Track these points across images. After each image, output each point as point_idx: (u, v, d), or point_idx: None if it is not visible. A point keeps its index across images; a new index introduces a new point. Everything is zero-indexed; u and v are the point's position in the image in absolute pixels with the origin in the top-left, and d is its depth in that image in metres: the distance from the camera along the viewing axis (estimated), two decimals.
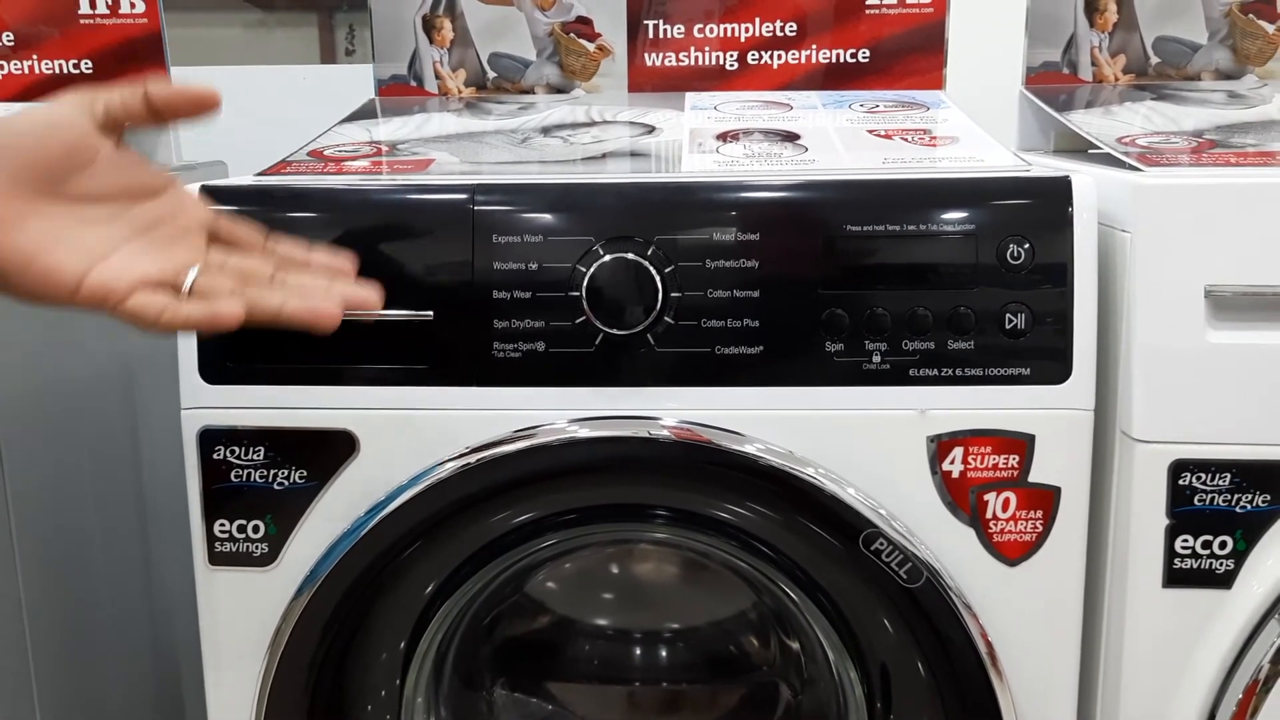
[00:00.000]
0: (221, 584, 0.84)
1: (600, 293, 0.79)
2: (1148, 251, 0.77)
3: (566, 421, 0.80)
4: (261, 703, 0.84)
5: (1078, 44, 1.12)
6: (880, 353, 0.79)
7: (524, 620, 1.04)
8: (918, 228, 0.78)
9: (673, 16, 1.15)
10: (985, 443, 0.79)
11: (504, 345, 0.80)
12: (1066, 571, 0.81)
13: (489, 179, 0.83)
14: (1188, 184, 0.77)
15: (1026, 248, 0.78)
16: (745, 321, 0.79)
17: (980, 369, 0.79)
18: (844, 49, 1.14)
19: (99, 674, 1.08)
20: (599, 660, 1.06)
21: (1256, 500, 0.79)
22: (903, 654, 0.83)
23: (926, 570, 0.79)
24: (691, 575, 1.03)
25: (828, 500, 0.79)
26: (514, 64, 1.17)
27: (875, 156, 0.88)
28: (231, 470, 0.82)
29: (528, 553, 0.88)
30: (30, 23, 1.16)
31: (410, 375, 0.81)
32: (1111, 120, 1.00)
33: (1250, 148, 0.89)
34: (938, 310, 0.78)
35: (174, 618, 1.19)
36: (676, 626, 1.06)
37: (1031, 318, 0.78)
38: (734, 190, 0.81)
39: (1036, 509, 0.80)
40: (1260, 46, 1.11)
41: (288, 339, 0.80)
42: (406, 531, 0.82)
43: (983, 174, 0.82)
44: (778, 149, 0.91)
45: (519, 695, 1.05)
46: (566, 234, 0.80)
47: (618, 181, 0.83)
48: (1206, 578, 0.80)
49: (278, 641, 0.83)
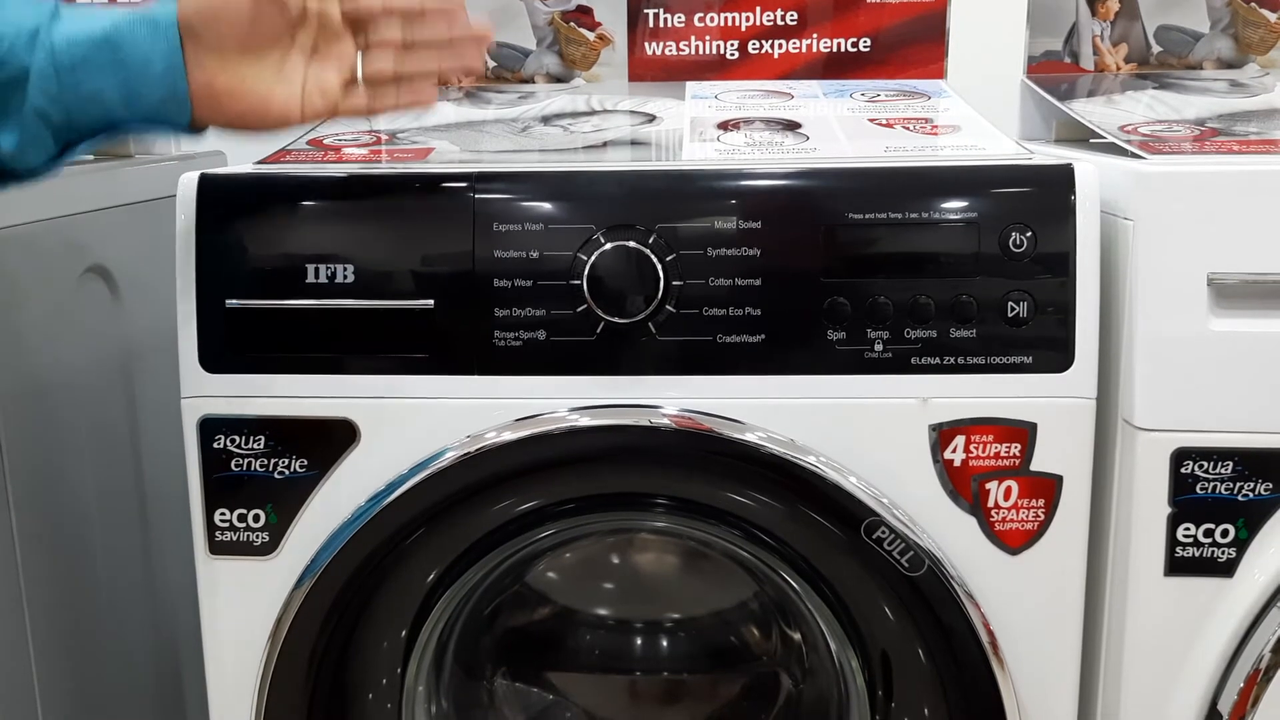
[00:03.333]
0: (222, 573, 0.84)
1: (601, 281, 0.78)
2: (1150, 239, 0.77)
3: (567, 410, 0.80)
4: (262, 692, 0.84)
5: (1079, 33, 1.12)
6: (882, 341, 0.79)
7: (525, 610, 1.04)
8: (919, 216, 0.78)
9: (673, 5, 1.15)
10: (987, 431, 0.79)
11: (505, 334, 0.79)
12: (1068, 560, 0.81)
13: (489, 167, 0.83)
14: (1190, 172, 0.77)
15: (1029, 236, 0.78)
16: (747, 310, 0.79)
17: (982, 357, 0.79)
18: (845, 38, 1.14)
19: (100, 664, 1.08)
20: (600, 650, 1.06)
21: (1259, 488, 0.79)
22: (904, 643, 0.83)
23: (928, 559, 0.79)
24: (692, 565, 1.03)
25: (829, 489, 0.79)
26: (514, 53, 1.17)
27: (877, 145, 0.88)
28: (232, 459, 0.82)
29: (528, 542, 0.88)
30: None
31: (411, 364, 0.80)
32: (1113, 109, 0.99)
33: (1253, 136, 0.88)
34: (939, 299, 0.78)
35: (174, 607, 1.19)
36: (677, 616, 1.06)
37: (1033, 306, 0.78)
38: (735, 178, 0.81)
39: (1038, 497, 0.80)
40: (1262, 35, 1.11)
41: (287, 327, 0.81)
42: (407, 521, 0.81)
43: (984, 162, 0.81)
44: (779, 138, 0.90)
45: (520, 685, 1.05)
46: (567, 222, 0.79)
47: (619, 170, 0.83)
48: (1208, 566, 0.80)
49: (278, 631, 0.83)
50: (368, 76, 0.76)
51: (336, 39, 0.76)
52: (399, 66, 0.76)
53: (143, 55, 0.70)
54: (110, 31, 0.70)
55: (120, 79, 0.70)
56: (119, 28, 0.70)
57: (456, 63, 0.77)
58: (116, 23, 0.70)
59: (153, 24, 0.71)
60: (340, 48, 0.76)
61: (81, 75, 0.70)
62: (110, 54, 0.70)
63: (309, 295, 0.80)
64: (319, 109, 0.75)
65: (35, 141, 0.71)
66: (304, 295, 0.80)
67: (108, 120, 0.72)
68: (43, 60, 0.69)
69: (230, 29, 0.72)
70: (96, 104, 0.71)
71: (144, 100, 0.71)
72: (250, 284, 0.80)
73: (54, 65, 0.69)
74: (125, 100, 0.71)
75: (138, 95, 0.71)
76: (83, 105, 0.71)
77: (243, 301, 0.80)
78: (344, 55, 0.76)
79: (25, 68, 0.69)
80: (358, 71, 0.76)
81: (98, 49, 0.70)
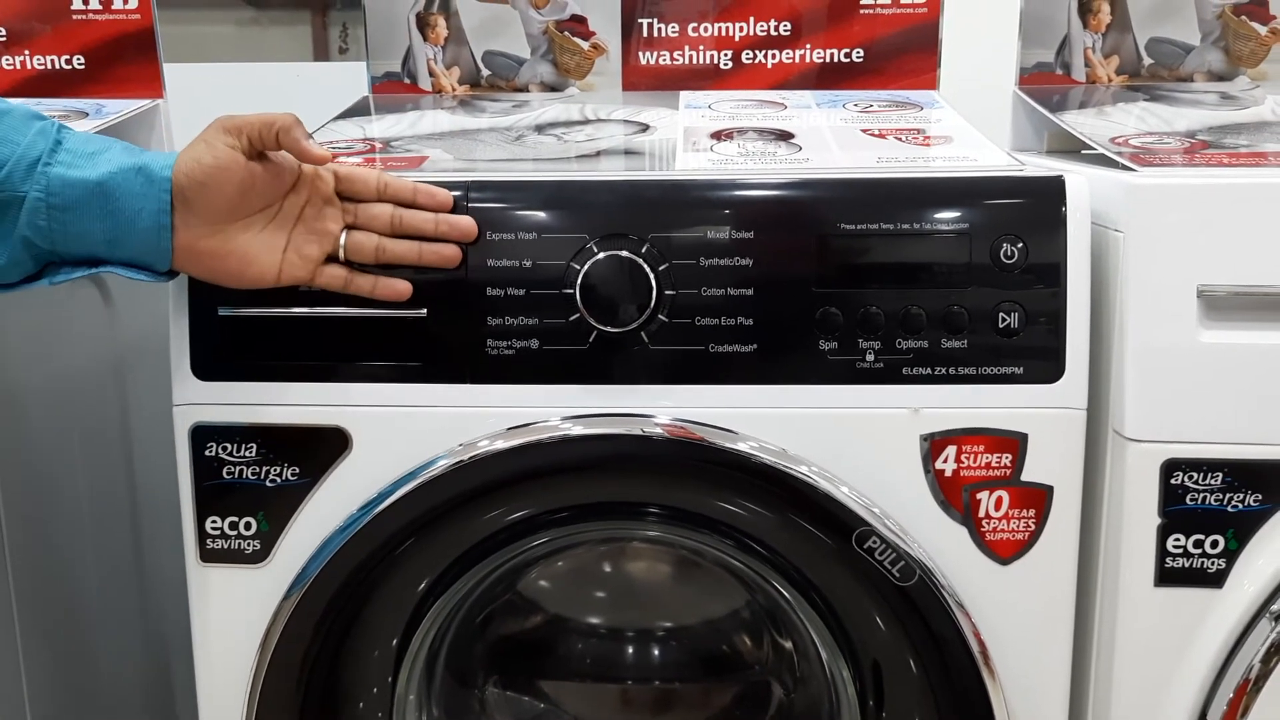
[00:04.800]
0: (213, 581, 0.84)
1: (594, 290, 0.78)
2: (1140, 251, 0.77)
3: (560, 419, 0.80)
4: (253, 700, 0.84)
5: (1071, 45, 1.13)
6: (874, 351, 0.79)
7: (516, 618, 1.04)
8: (911, 227, 0.79)
9: (667, 15, 1.15)
10: (978, 441, 0.79)
11: (498, 342, 0.80)
12: (1059, 570, 0.81)
13: (483, 176, 0.83)
14: (1180, 184, 0.78)
15: (1020, 247, 0.78)
16: (739, 319, 0.79)
17: (973, 368, 0.79)
18: (838, 48, 1.14)
19: (90, 672, 1.08)
20: (591, 658, 1.06)
21: (1248, 499, 0.79)
22: (895, 652, 0.83)
23: (919, 569, 0.79)
24: (684, 573, 1.03)
25: (821, 498, 0.79)
26: (508, 62, 1.17)
27: (869, 156, 0.88)
28: (223, 467, 0.82)
29: (520, 550, 0.88)
30: (22, 18, 1.16)
31: (404, 372, 0.80)
32: (1105, 121, 1.00)
33: (1243, 148, 0.89)
34: (931, 309, 0.78)
35: (165, 615, 1.18)
36: (669, 625, 1.06)
37: (1024, 317, 0.78)
38: (728, 188, 0.81)
39: (1029, 508, 0.80)
40: (1252, 48, 1.11)
41: (280, 335, 0.81)
42: (399, 529, 0.81)
43: (976, 173, 0.82)
44: (772, 148, 0.91)
45: (511, 693, 1.05)
46: (560, 231, 0.80)
47: (612, 179, 0.83)
48: (1198, 577, 0.80)
49: (269, 639, 0.83)
50: (349, 252, 0.78)
51: (325, 210, 0.78)
52: (380, 250, 0.78)
53: (133, 209, 0.73)
54: (106, 180, 0.72)
55: (108, 226, 0.73)
56: (115, 177, 0.72)
57: (435, 257, 0.78)
58: (113, 171, 0.72)
59: (148, 178, 0.73)
60: (326, 222, 0.78)
61: (71, 217, 0.72)
62: (103, 203, 0.72)
63: (302, 303, 0.80)
64: (297, 277, 0.77)
65: (16, 264, 0.73)
66: (297, 303, 0.80)
67: (91, 257, 0.74)
68: (38, 195, 0.71)
69: (220, 199, 0.74)
70: (82, 243, 0.73)
71: (128, 248, 0.74)
72: (243, 292, 0.80)
73: (47, 202, 0.72)
74: (109, 245, 0.74)
75: (122, 243, 0.74)
76: (68, 242, 0.73)
77: (235, 309, 0.80)
78: (329, 230, 0.78)
79: (20, 197, 0.71)
80: (340, 245, 0.78)
81: (91, 195, 0.72)
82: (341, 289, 0.78)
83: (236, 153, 0.73)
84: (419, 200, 0.79)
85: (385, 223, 0.78)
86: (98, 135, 0.76)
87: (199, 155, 0.73)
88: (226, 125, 0.74)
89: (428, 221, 0.79)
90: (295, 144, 0.74)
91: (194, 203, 0.73)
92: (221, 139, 0.73)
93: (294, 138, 0.74)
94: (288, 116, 0.74)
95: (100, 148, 0.74)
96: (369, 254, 0.78)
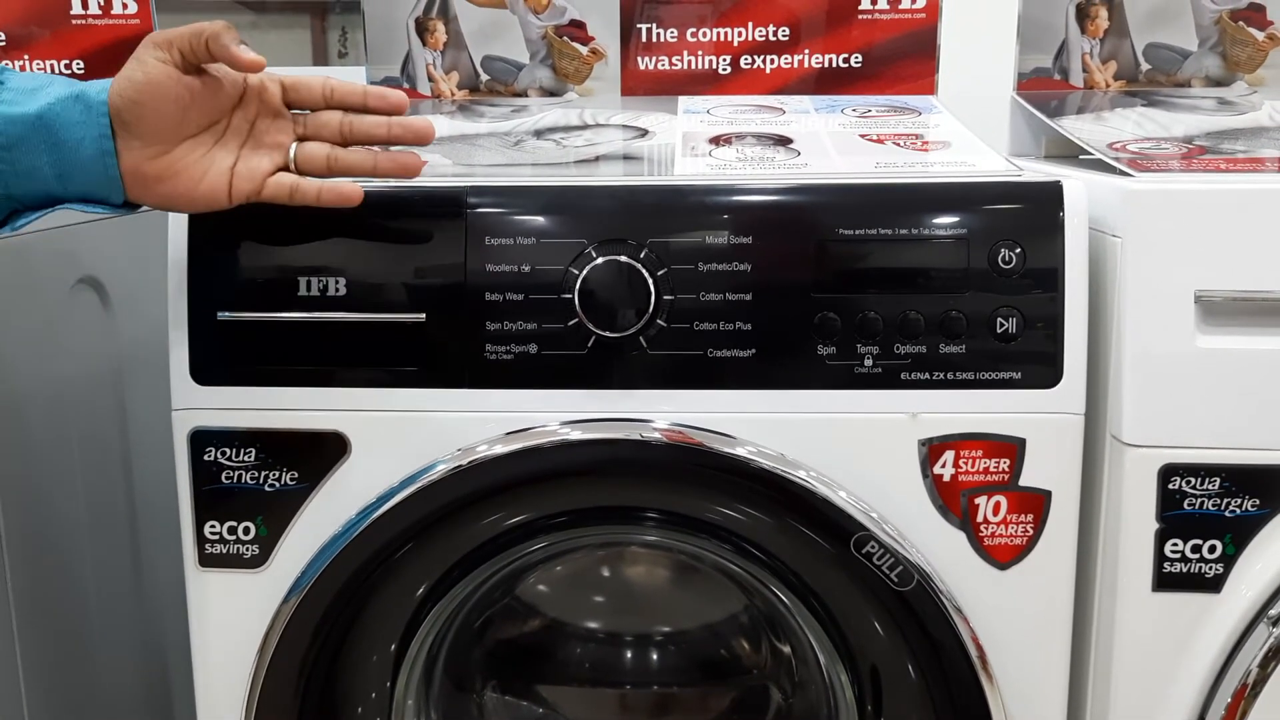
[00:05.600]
0: (212, 586, 0.84)
1: (593, 295, 0.79)
2: (1138, 257, 0.78)
3: (558, 424, 0.80)
4: (251, 705, 0.84)
5: (1069, 50, 1.13)
6: (872, 356, 0.79)
7: (515, 623, 1.04)
8: (909, 232, 0.79)
9: (666, 20, 1.15)
10: (976, 446, 0.80)
11: (496, 347, 0.80)
12: (1057, 575, 0.81)
13: (482, 181, 0.83)
14: (1178, 190, 0.78)
15: (1018, 252, 0.78)
16: (737, 324, 0.79)
17: (971, 373, 0.79)
18: (836, 54, 1.15)
19: (88, 677, 1.08)
20: (590, 663, 1.06)
21: (1246, 504, 0.79)
22: (893, 657, 0.84)
23: (917, 573, 0.79)
24: (683, 578, 1.03)
25: (819, 503, 0.79)
26: (507, 67, 1.17)
27: (867, 161, 0.88)
28: (222, 472, 0.82)
29: (519, 555, 0.88)
30: (22, 23, 1.16)
31: (402, 377, 0.80)
32: (1102, 126, 1.00)
33: (1240, 154, 0.89)
34: (929, 314, 0.78)
35: (164, 619, 1.18)
36: (667, 629, 1.06)
37: (1022, 322, 0.78)
38: (726, 193, 0.81)
39: (1027, 512, 0.80)
40: (1250, 54, 1.11)
41: (278, 340, 0.81)
42: (398, 534, 0.81)
43: (974, 179, 0.82)
44: (770, 153, 0.91)
45: (510, 698, 1.05)
46: (559, 236, 0.80)
47: (610, 184, 0.83)
48: (1196, 581, 0.80)
49: (268, 644, 0.83)
50: (300, 164, 0.76)
51: (275, 123, 0.76)
52: (332, 159, 0.76)
53: (75, 138, 0.71)
54: (45, 111, 0.71)
55: (54, 159, 0.72)
56: (53, 108, 0.71)
57: (390, 163, 0.76)
58: (51, 103, 0.71)
59: (85, 105, 0.71)
60: (276, 135, 0.76)
61: (18, 154, 0.71)
62: (45, 135, 0.71)
63: (301, 308, 0.80)
64: (245, 191, 0.75)
65: None
66: (296, 308, 0.80)
67: (47, 195, 0.73)
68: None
69: (158, 118, 0.72)
70: (34, 180, 0.72)
71: (77, 179, 0.72)
72: (242, 296, 0.80)
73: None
74: (60, 179, 0.72)
75: (72, 176, 0.72)
76: (20, 181, 0.72)
77: (234, 314, 0.80)
78: (279, 142, 0.76)
79: None
80: (290, 158, 0.76)
81: (32, 128, 0.71)
82: (287, 199, 0.75)
83: (168, 67, 0.71)
84: (369, 103, 0.76)
85: (335, 130, 0.76)
86: (41, 74, 0.75)
87: (131, 74, 0.71)
88: (156, 40, 0.71)
89: (379, 126, 0.76)
90: (225, 51, 0.71)
91: (133, 124, 0.71)
92: (152, 54, 0.71)
93: (223, 44, 0.70)
94: (217, 24, 0.71)
95: (41, 84, 0.72)
96: (320, 165, 0.75)
